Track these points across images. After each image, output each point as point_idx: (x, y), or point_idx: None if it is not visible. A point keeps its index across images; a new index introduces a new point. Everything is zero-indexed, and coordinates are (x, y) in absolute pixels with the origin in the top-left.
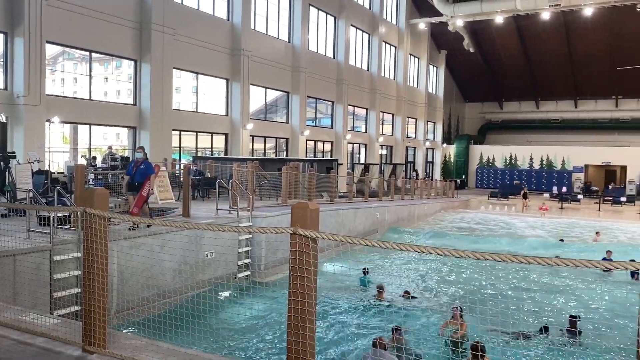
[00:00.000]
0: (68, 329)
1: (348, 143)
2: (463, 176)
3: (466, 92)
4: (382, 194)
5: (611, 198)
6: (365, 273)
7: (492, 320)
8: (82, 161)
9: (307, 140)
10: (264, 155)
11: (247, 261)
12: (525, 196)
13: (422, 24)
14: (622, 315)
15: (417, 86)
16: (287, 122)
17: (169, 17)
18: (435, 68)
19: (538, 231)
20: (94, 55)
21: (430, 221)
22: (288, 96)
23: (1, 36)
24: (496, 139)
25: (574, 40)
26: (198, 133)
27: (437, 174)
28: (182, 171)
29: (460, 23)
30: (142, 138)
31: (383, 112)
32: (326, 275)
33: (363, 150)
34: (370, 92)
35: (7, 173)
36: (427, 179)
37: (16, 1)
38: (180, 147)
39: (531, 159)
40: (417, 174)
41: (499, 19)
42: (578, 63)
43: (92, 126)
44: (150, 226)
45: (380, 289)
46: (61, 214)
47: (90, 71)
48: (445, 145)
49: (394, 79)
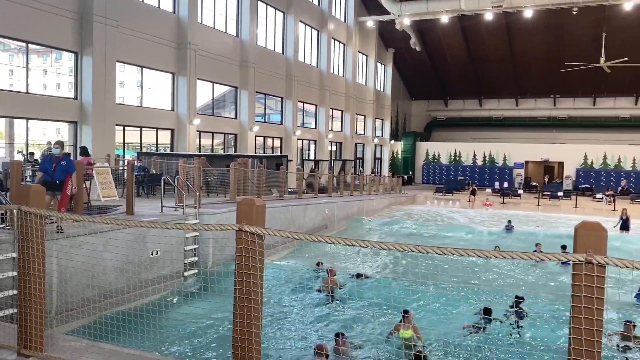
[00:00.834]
0: (2, 332)
1: (298, 139)
2: (410, 172)
3: (413, 90)
4: (332, 190)
5: (549, 193)
6: (318, 265)
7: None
8: (19, 157)
9: (257, 136)
10: (212, 151)
11: (195, 259)
12: (473, 193)
13: (371, 22)
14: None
15: (366, 84)
16: (236, 118)
17: (112, 9)
18: (383, 66)
19: (486, 224)
20: (32, 46)
21: (381, 215)
22: (236, 91)
23: None
24: (442, 136)
25: (515, 41)
26: (143, 128)
27: (386, 170)
28: (126, 167)
29: (407, 22)
30: (84, 133)
31: (332, 109)
32: (278, 271)
33: (313, 146)
34: (319, 89)
35: None
36: (374, 175)
37: None
38: (124, 143)
39: (474, 156)
40: (373, 172)
41: (445, 19)
42: (519, 63)
43: (30, 120)
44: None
45: (331, 273)
46: None
47: (27, 63)
48: (393, 142)
49: (343, 76)
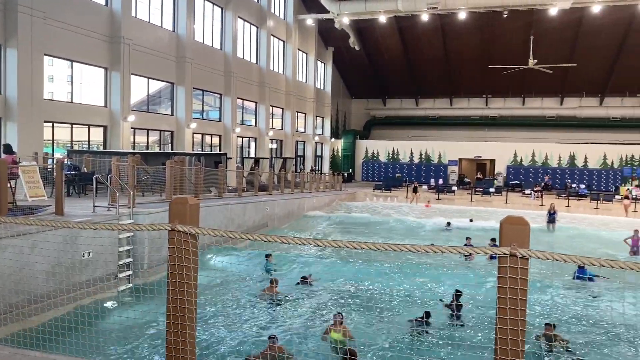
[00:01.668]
0: None
1: (237, 137)
2: (350, 170)
3: (353, 89)
4: (273, 188)
5: (482, 189)
6: (267, 258)
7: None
8: None
9: (194, 133)
10: (147, 149)
11: (129, 260)
12: (415, 190)
13: (310, 20)
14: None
15: (306, 81)
16: (173, 115)
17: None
18: (323, 64)
19: (424, 219)
20: None
21: (323, 212)
22: (173, 87)
23: None
24: (380, 134)
25: (450, 42)
26: (74, 125)
27: (326, 168)
28: (55, 166)
29: (346, 21)
30: (9, 130)
31: (273, 106)
32: (215, 271)
33: (253, 144)
34: (259, 86)
35: None
36: (315, 172)
37: None
38: (53, 140)
39: (412, 154)
40: (313, 169)
41: (382, 19)
42: (453, 64)
43: None
44: None
45: (273, 283)
46: None
47: None
48: (333, 139)
49: (283, 74)
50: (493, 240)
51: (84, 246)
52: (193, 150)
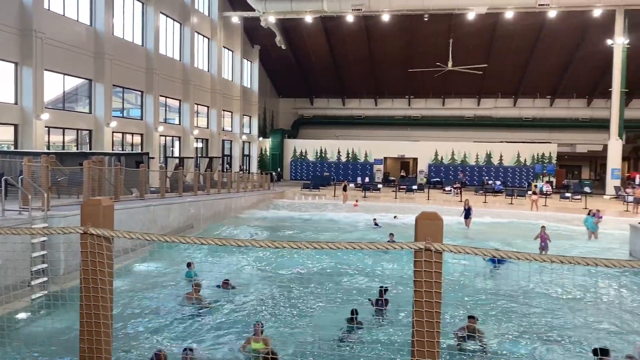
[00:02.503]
0: None
1: (160, 136)
2: (279, 169)
3: (280, 88)
4: (198, 189)
5: (405, 187)
6: (189, 266)
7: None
8: None
9: (114, 132)
10: (64, 148)
11: (44, 266)
12: (345, 189)
13: (235, 18)
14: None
15: (232, 79)
16: (91, 113)
17: None
18: (249, 63)
19: (354, 217)
20: None
21: (248, 213)
22: (91, 84)
23: None
24: (308, 134)
25: (374, 43)
26: None
27: (254, 167)
28: None
29: (272, 20)
30: None
31: (198, 104)
32: (139, 275)
33: (177, 143)
34: (183, 83)
35: None
36: (243, 172)
37: None
38: None
39: (339, 152)
40: (242, 169)
41: (309, 19)
42: (377, 65)
43: None
44: None
45: (196, 286)
46: None
47: None
48: (261, 139)
49: (209, 71)
50: (391, 235)
51: None
52: (113, 149)
